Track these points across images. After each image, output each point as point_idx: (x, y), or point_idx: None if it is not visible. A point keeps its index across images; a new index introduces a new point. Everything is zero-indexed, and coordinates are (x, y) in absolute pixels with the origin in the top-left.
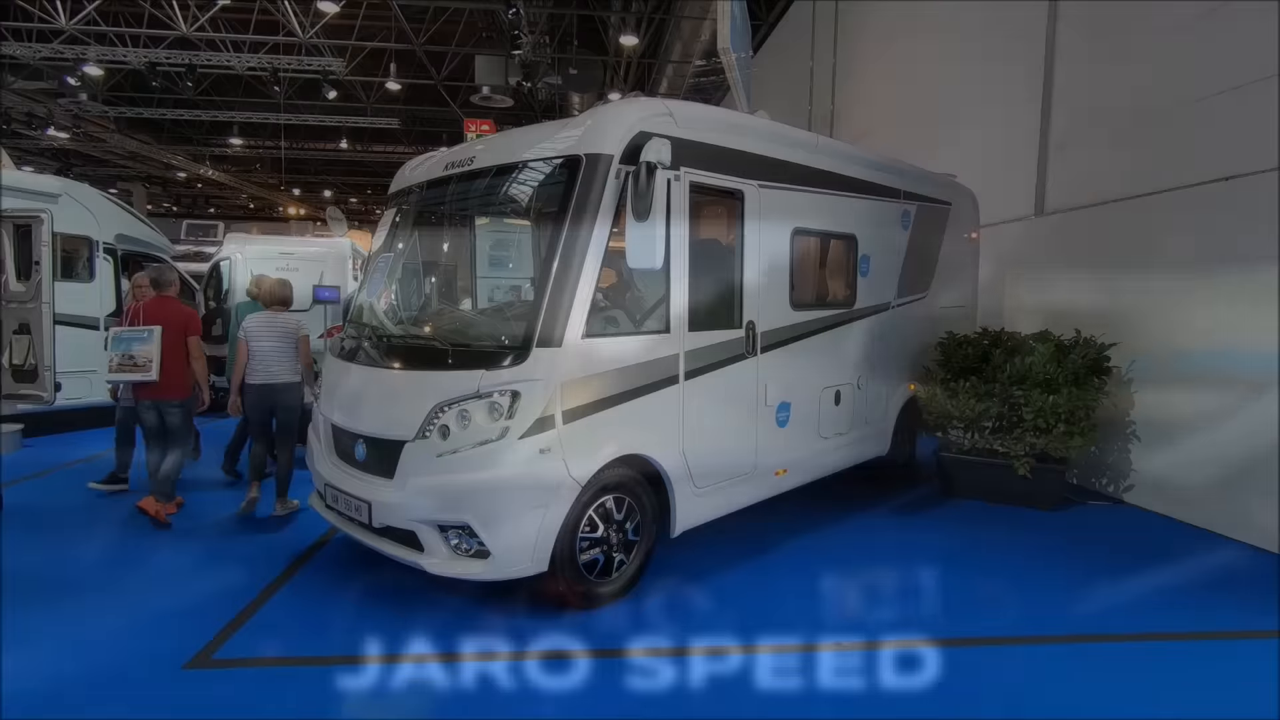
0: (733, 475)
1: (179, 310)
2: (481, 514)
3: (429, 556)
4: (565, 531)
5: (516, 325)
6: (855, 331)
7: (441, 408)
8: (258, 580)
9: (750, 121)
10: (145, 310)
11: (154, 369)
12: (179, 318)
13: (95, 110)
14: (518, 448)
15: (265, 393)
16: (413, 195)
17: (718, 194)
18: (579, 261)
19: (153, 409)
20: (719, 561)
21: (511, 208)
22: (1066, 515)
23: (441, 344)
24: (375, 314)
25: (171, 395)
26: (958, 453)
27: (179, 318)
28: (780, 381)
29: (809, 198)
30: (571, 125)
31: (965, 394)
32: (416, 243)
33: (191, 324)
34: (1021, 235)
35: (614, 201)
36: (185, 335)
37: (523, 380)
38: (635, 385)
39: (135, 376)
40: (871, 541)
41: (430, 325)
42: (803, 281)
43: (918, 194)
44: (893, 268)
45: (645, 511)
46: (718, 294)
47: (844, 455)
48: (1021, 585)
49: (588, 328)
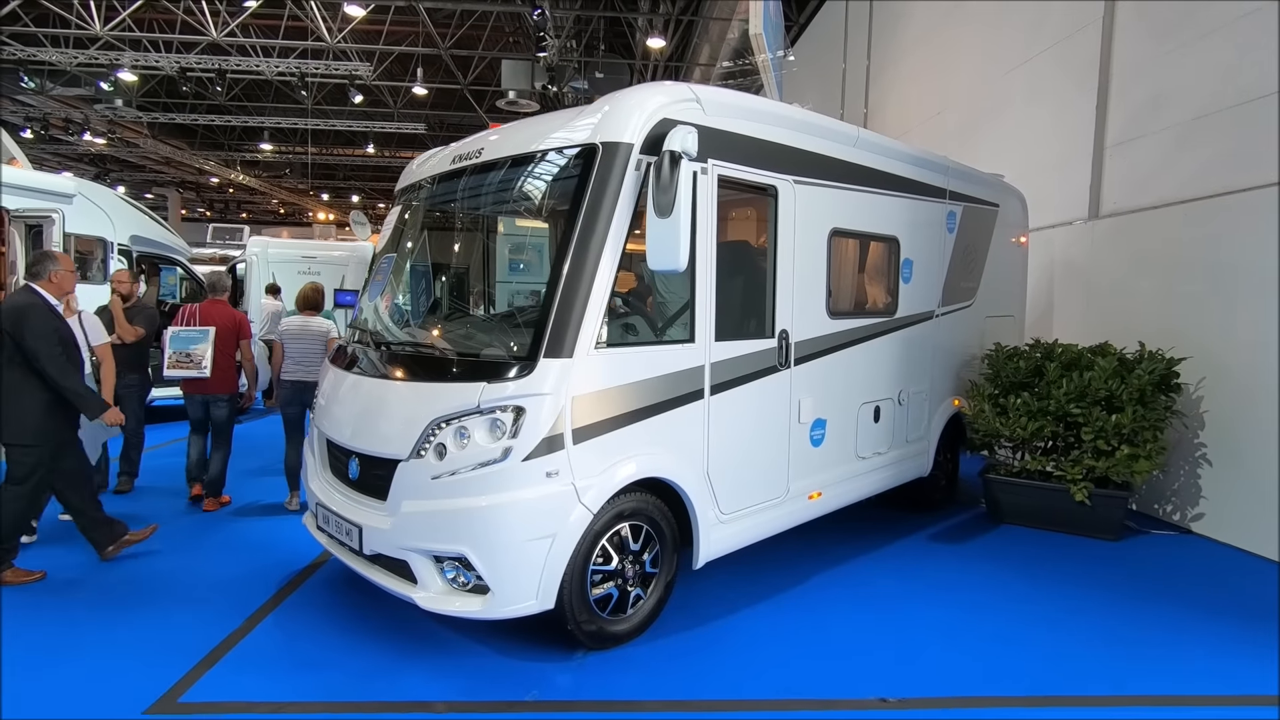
0: (762, 500)
1: (230, 314)
2: (480, 544)
3: (422, 590)
4: (575, 564)
5: (522, 333)
6: (897, 342)
7: (438, 424)
8: (243, 607)
9: (785, 111)
10: (200, 312)
11: (207, 366)
12: (230, 321)
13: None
14: (521, 471)
15: (299, 389)
16: (418, 191)
17: (749, 190)
18: (593, 263)
19: (201, 404)
20: (746, 596)
21: (521, 203)
22: (1130, 547)
23: (440, 353)
24: (375, 319)
25: (219, 390)
26: (1006, 474)
27: (230, 321)
28: (815, 396)
29: (848, 196)
30: (588, 112)
31: (1016, 411)
32: (420, 243)
33: (243, 328)
34: (1074, 240)
35: (633, 196)
36: (236, 337)
37: (528, 395)
38: (655, 401)
39: (190, 373)
40: (915, 573)
41: (429, 332)
42: (840, 287)
43: (964, 194)
44: (937, 273)
45: (665, 541)
46: (747, 300)
47: (883, 477)
48: (1092, 632)
49: (602, 337)
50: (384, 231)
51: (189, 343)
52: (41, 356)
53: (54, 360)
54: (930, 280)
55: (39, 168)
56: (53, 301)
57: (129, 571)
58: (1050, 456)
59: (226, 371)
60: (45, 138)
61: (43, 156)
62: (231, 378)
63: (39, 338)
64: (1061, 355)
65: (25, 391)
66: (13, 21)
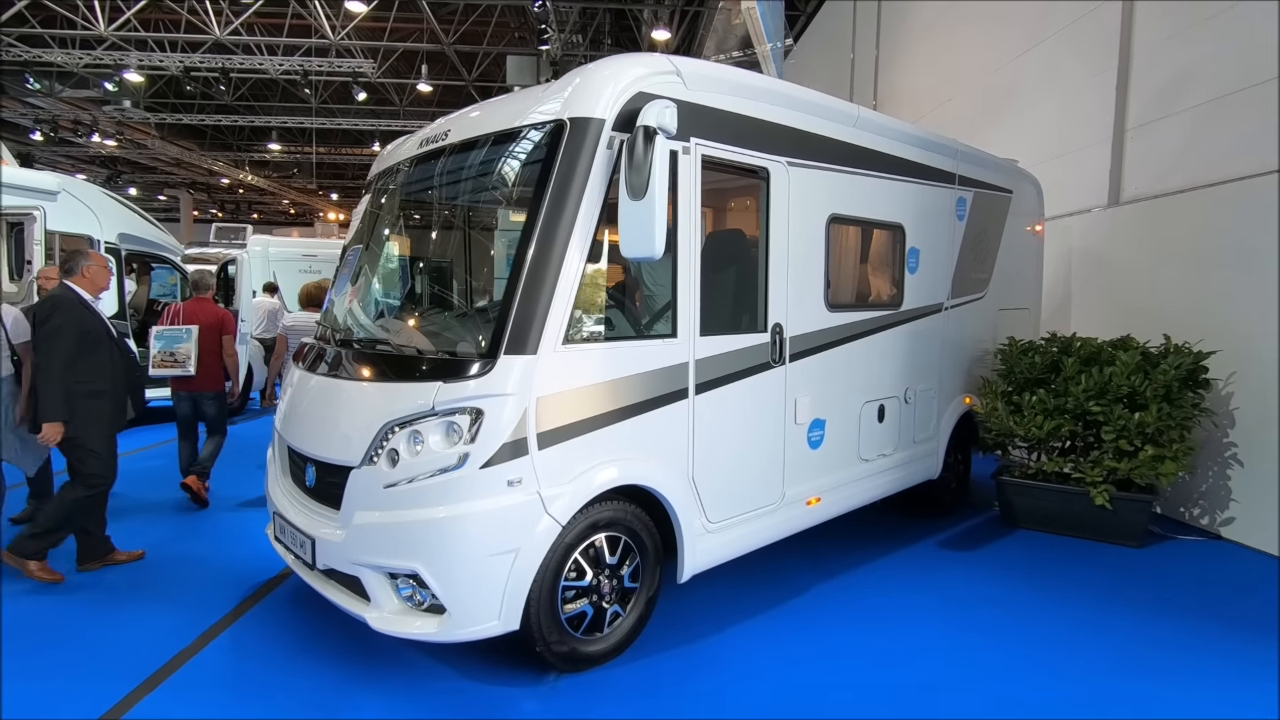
0: (755, 507)
1: (213, 311)
2: (434, 560)
3: (375, 609)
4: (543, 580)
5: (482, 328)
6: (902, 336)
7: (392, 428)
8: (201, 620)
9: (777, 86)
10: (184, 311)
11: (191, 365)
12: (214, 318)
13: (137, 117)
14: (479, 479)
15: None
16: (386, 178)
17: (737, 172)
18: (559, 251)
19: (188, 400)
20: (738, 611)
21: (485, 188)
22: (1154, 554)
23: (396, 350)
24: (336, 314)
25: (206, 387)
26: (1021, 476)
27: (214, 318)
28: (813, 395)
29: (848, 180)
30: (558, 86)
31: (1031, 409)
32: (383, 233)
33: (226, 324)
34: (1093, 227)
35: (605, 177)
36: (219, 333)
37: (486, 395)
38: (633, 401)
39: (175, 372)
40: (923, 585)
41: (386, 328)
42: (840, 278)
43: (975, 179)
44: (946, 263)
45: (646, 553)
46: (737, 291)
47: (888, 480)
48: (1116, 654)
49: (571, 331)
50: (352, 222)
51: (173, 342)
52: (38, 349)
53: (50, 361)
54: (938, 271)
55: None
56: (86, 297)
57: (96, 576)
58: (1068, 457)
59: (211, 369)
60: (55, 140)
61: (55, 159)
62: (217, 374)
63: (51, 332)
64: (1080, 350)
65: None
66: (20, 23)
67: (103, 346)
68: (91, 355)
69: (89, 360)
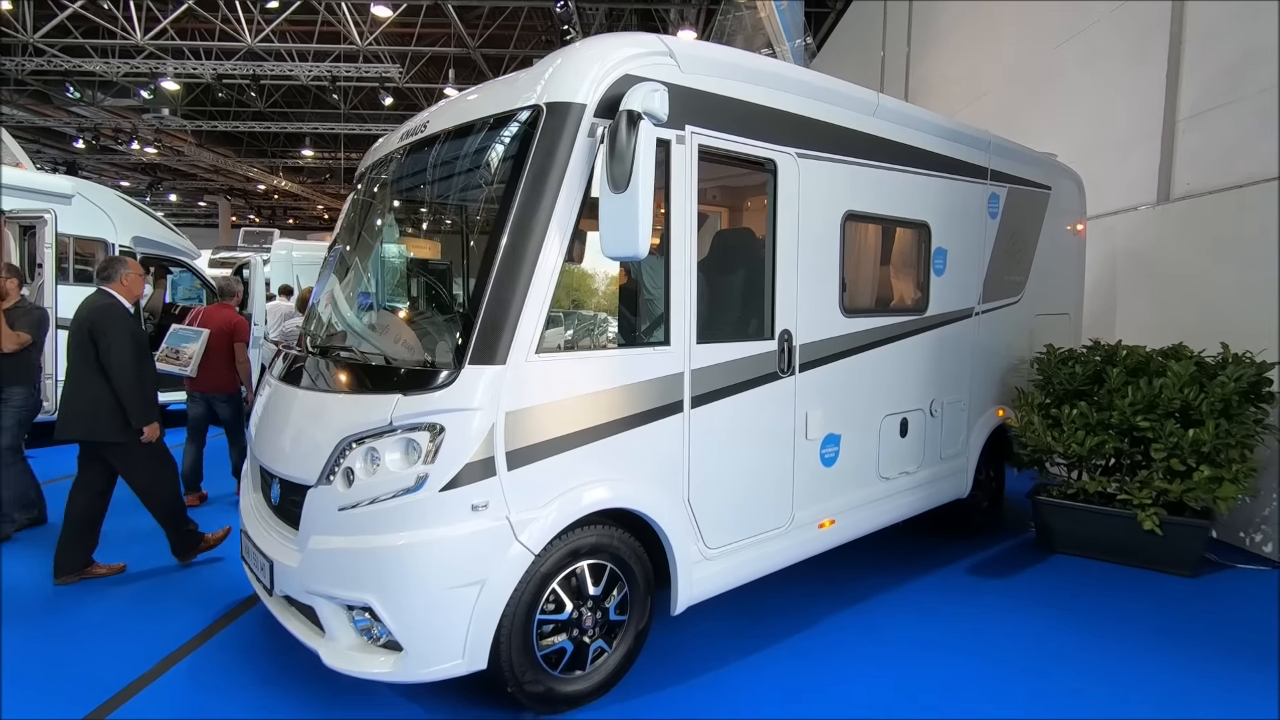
0: (759, 531)
1: (227, 317)
2: (387, 593)
3: (329, 642)
4: (515, 614)
5: (446, 335)
6: (928, 344)
7: (349, 444)
8: (159, 647)
9: (785, 70)
10: (204, 314)
11: (192, 365)
12: (227, 324)
13: (175, 124)
14: (440, 503)
15: None
16: (368, 175)
17: (739, 164)
18: (533, 250)
19: (202, 401)
20: (741, 645)
21: (457, 181)
22: (1210, 585)
23: (360, 359)
24: (311, 319)
25: (219, 389)
26: (1060, 496)
27: (227, 324)
28: (826, 407)
29: (867, 173)
30: (538, 68)
31: (1072, 424)
32: (358, 233)
33: (239, 331)
34: (1140, 227)
35: (587, 169)
36: (230, 339)
37: (448, 410)
38: (619, 415)
39: (174, 369)
40: (950, 617)
41: (352, 334)
42: (858, 280)
43: (1009, 174)
44: (976, 265)
45: (635, 582)
46: (739, 295)
47: (912, 500)
48: (1177, 706)
49: (546, 339)
50: (339, 222)
51: (182, 340)
52: (113, 360)
53: (125, 368)
54: (968, 273)
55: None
56: (126, 304)
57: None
58: (1113, 476)
59: (223, 372)
60: (97, 147)
61: (100, 166)
62: (228, 378)
63: (116, 343)
64: (1126, 359)
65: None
66: (63, 34)
67: (147, 352)
68: (145, 360)
69: (145, 365)
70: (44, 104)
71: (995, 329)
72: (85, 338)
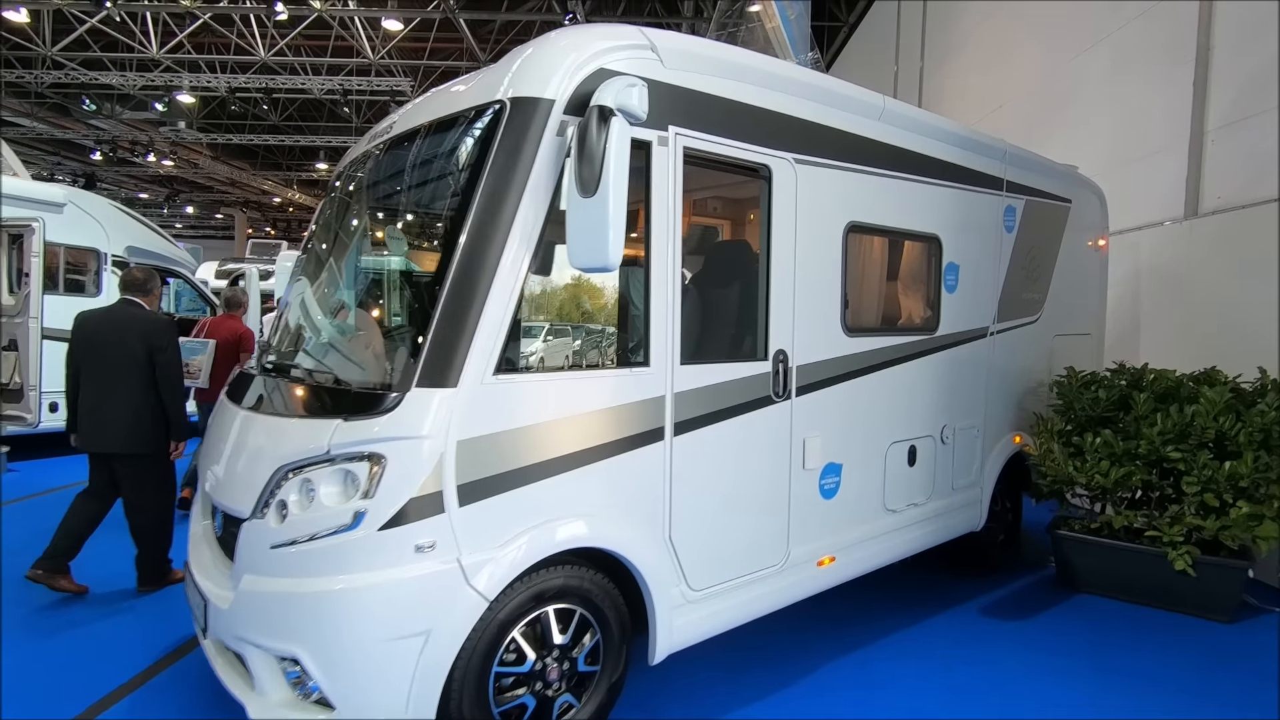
0: (750, 571)
1: (233, 329)
2: (317, 645)
3: (258, 696)
4: (467, 667)
5: (391, 354)
6: (938, 365)
7: (286, 473)
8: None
9: (782, 69)
10: (210, 326)
11: (203, 376)
12: (232, 335)
13: (190, 137)
14: (378, 543)
15: None
16: (337, 181)
17: (730, 169)
18: (492, 261)
19: (209, 411)
20: (728, 695)
21: (415, 185)
22: (1250, 632)
23: (305, 378)
24: (270, 335)
25: None
26: (1082, 530)
27: (232, 335)
28: (826, 434)
29: (872, 182)
30: (504, 61)
31: (1095, 453)
32: (320, 243)
33: (244, 342)
34: (1167, 243)
35: (555, 171)
36: (236, 350)
37: (389, 439)
38: (590, 445)
39: (185, 381)
40: (962, 663)
41: (299, 351)
42: (862, 297)
43: (1026, 186)
44: (991, 281)
45: (609, 628)
46: (729, 312)
47: (921, 533)
48: None
49: (507, 359)
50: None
51: (190, 353)
52: (171, 375)
53: (178, 382)
54: (982, 290)
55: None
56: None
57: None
58: (1140, 510)
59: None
60: (114, 160)
61: (119, 179)
62: None
63: (172, 358)
64: (1154, 384)
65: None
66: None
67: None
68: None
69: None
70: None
71: (1012, 350)
72: (139, 351)
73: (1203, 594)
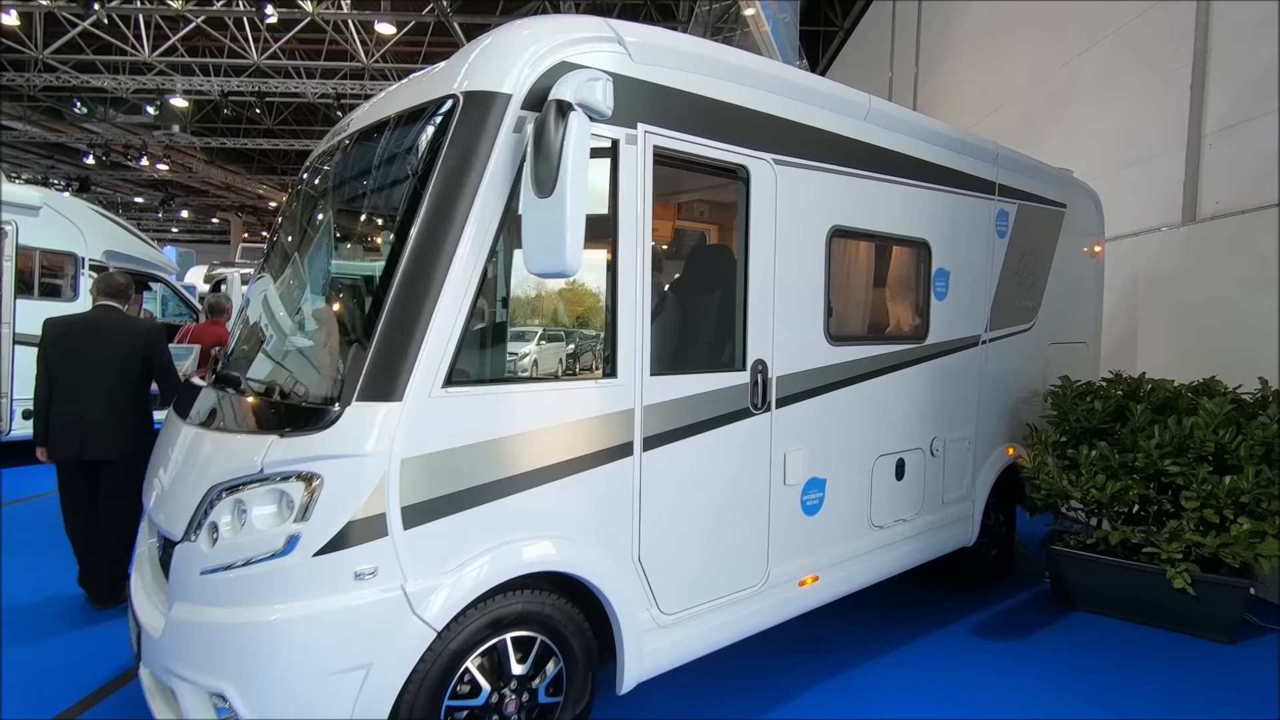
0: (727, 593)
1: (217, 334)
2: (246, 680)
3: None
4: (414, 702)
5: (333, 365)
6: (928, 375)
7: (219, 493)
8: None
9: (759, 65)
10: (194, 331)
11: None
12: (216, 340)
13: (184, 141)
14: (313, 570)
15: None
16: (299, 180)
17: (706, 170)
18: (441, 265)
19: None
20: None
21: (365, 186)
22: (1251, 653)
23: (243, 390)
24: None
25: None
26: (1078, 546)
27: (216, 340)
28: (809, 448)
29: (857, 185)
30: (460, 54)
31: (1091, 466)
32: (274, 247)
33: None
34: (1164, 249)
35: (512, 170)
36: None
37: (326, 456)
38: (550, 462)
39: None
40: (952, 686)
41: (243, 361)
42: (846, 304)
43: (1019, 190)
44: (983, 288)
45: (573, 656)
46: (704, 320)
47: (910, 550)
48: None
49: (459, 370)
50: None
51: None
52: (170, 380)
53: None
54: (974, 297)
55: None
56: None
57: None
58: (1138, 525)
59: None
60: (108, 163)
61: (114, 183)
62: None
63: (168, 365)
64: (1152, 394)
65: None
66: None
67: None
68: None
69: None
70: (56, 120)
71: (1004, 359)
72: (133, 357)
73: (1202, 613)
